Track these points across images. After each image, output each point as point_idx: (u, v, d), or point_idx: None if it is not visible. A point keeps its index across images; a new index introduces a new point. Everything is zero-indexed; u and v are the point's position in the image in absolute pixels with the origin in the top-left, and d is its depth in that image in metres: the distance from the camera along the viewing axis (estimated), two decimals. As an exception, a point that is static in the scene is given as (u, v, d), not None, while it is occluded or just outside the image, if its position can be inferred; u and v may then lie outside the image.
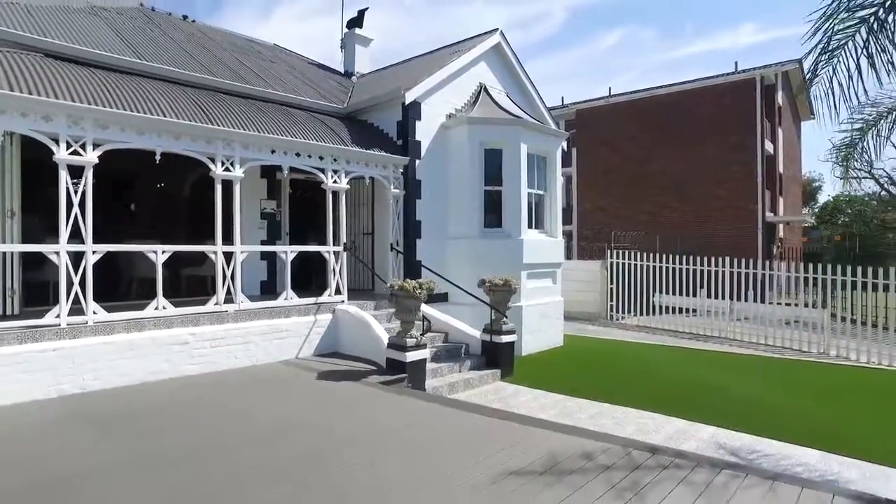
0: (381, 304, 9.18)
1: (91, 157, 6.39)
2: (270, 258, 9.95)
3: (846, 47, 3.93)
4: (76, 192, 6.31)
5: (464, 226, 10.39)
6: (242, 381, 6.78)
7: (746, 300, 13.59)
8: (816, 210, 46.52)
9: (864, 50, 3.75)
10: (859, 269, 11.49)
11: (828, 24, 3.72)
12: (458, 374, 8.23)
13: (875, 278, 11.25)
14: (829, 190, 53.97)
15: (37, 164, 7.03)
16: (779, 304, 13.09)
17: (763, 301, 13.92)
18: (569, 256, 23.26)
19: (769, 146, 21.58)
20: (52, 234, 6.99)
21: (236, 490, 3.59)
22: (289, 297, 8.19)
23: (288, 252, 8.40)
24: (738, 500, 3.39)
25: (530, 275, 10.59)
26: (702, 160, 21.66)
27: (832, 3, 3.55)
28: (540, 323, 10.79)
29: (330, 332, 8.50)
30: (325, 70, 14.66)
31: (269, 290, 9.81)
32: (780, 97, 22.99)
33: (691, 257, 14.02)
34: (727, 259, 13.43)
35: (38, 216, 7.64)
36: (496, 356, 8.65)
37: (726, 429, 6.33)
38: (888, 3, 3.48)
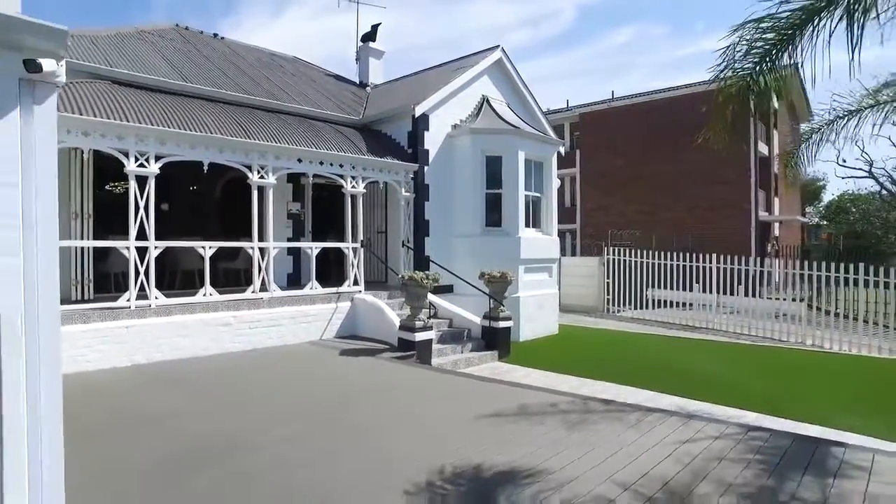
0: (394, 294, 10.43)
1: (153, 168, 7.70)
2: (296, 253, 11.25)
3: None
4: (142, 196, 7.62)
5: (467, 225, 11.61)
6: (277, 355, 8.07)
7: (736, 294, 14.63)
8: (822, 209, 47.15)
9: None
10: (832, 266, 12.51)
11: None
12: (460, 354, 9.46)
13: (848, 274, 12.22)
14: (833, 189, 54.50)
15: (99, 172, 8.40)
16: (769, 298, 14.12)
17: (754, 295, 14.92)
18: (573, 253, 24.42)
19: (763, 148, 22.53)
20: (112, 232, 8.36)
21: (282, 421, 4.85)
22: (314, 287, 9.47)
23: (313, 248, 9.69)
24: (658, 430, 4.58)
25: (527, 269, 11.78)
26: (697, 162, 22.63)
27: (722, 61, 4.64)
28: (537, 312, 11.97)
29: (349, 317, 9.78)
30: (341, 81, 15.94)
31: (294, 281, 11.10)
32: (775, 100, 23.88)
33: (682, 254, 15.10)
34: (714, 256, 14.51)
35: (101, 217, 8.99)
36: (494, 339, 9.86)
37: (687, 398, 7.45)
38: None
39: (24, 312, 2.05)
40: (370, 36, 16.62)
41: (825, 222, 45.54)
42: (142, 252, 7.70)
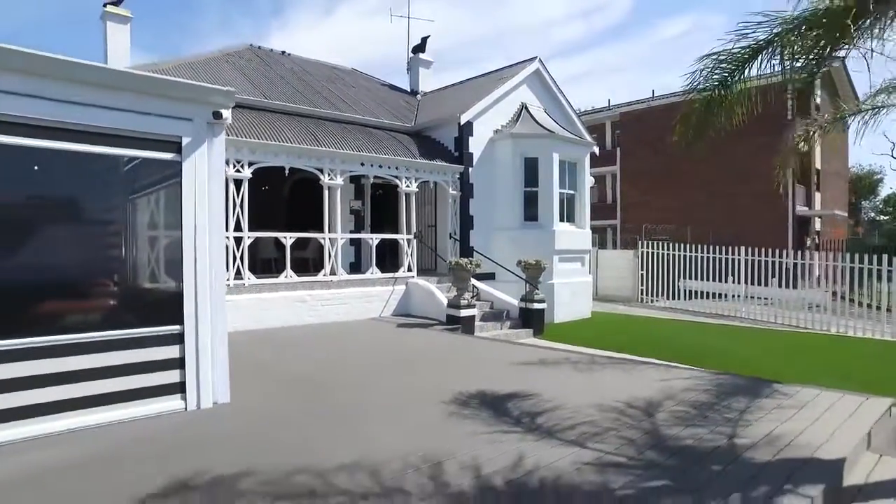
0: (443, 280, 11.95)
1: (247, 173, 9.48)
2: (357, 244, 12.94)
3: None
4: (237, 195, 9.40)
5: (507, 219, 13.02)
6: (346, 327, 9.74)
7: (769, 286, 15.37)
8: (879, 203, 45.89)
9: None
10: (857, 257, 13.22)
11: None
12: (499, 331, 10.90)
13: (881, 266, 12.80)
14: (892, 182, 52.57)
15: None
16: (803, 288, 14.76)
17: (793, 287, 15.46)
18: (614, 247, 25.37)
19: (802, 144, 22.81)
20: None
21: (359, 365, 6.45)
22: (374, 272, 11.11)
23: (373, 239, 11.33)
24: (646, 373, 5.92)
25: (561, 259, 13.08)
26: (733, 159, 23.10)
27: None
28: (570, 298, 13.26)
29: (403, 298, 11.37)
30: (394, 90, 17.58)
31: (355, 268, 12.78)
32: (818, 96, 24.11)
33: (713, 247, 15.98)
34: (744, 249, 15.37)
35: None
36: (530, 319, 11.24)
37: (691, 367, 8.67)
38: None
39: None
40: (420, 48, 18.20)
41: (883, 217, 44.40)
42: (237, 241, 9.49)
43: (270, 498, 2.95)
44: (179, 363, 4.58)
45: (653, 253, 17.54)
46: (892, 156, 33.18)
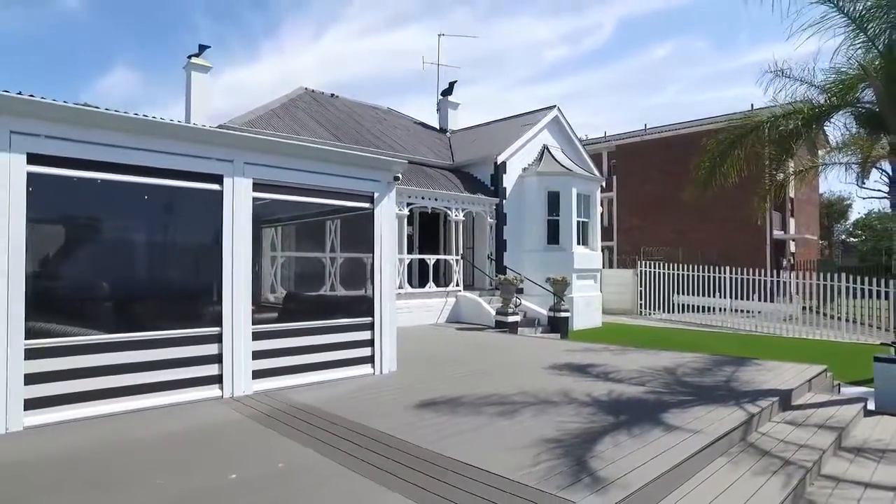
0: (483, 293, 14.47)
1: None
2: (411, 262, 15.42)
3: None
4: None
5: (534, 242, 15.62)
6: (420, 330, 12.18)
7: (750, 300, 18.08)
8: (850, 227, 49.45)
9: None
10: (831, 276, 15.95)
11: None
12: (534, 334, 13.40)
13: (847, 283, 15.54)
14: (860, 207, 56.35)
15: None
16: (780, 302, 17.51)
17: (770, 301, 18.16)
18: (610, 266, 28.06)
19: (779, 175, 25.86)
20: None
21: (448, 350, 8.92)
22: (431, 287, 13.61)
23: (430, 259, 13.85)
24: (664, 355, 8.47)
25: (578, 276, 15.68)
26: (720, 188, 26.04)
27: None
28: (585, 309, 15.83)
29: (455, 308, 13.86)
30: (427, 128, 20.25)
31: (412, 283, 15.25)
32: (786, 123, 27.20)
33: (703, 266, 18.71)
34: (729, 268, 18.11)
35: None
36: (557, 325, 13.77)
37: (673, 351, 11.25)
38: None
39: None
40: (448, 91, 20.95)
41: (853, 239, 47.88)
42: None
43: (479, 404, 5.41)
44: (371, 343, 7.04)
45: (650, 271, 20.23)
46: (857, 185, 36.38)
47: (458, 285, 14.19)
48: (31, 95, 5.28)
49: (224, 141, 5.84)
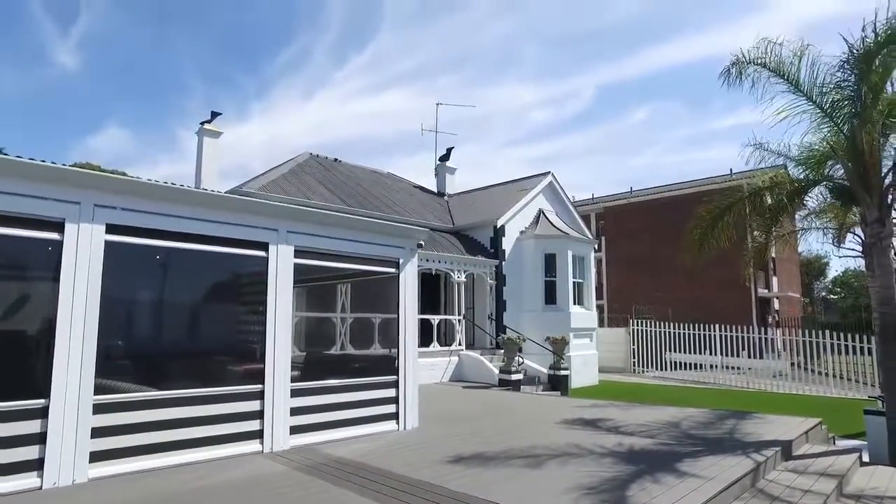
0: (484, 351, 14.88)
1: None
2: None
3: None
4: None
5: (532, 302, 16.19)
6: (426, 388, 12.40)
7: (740, 356, 18.65)
8: (829, 284, 50.95)
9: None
10: (807, 332, 16.65)
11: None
12: (536, 392, 13.74)
13: (831, 340, 16.20)
14: (836, 266, 58.21)
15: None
16: (768, 358, 18.09)
17: (757, 356, 18.75)
18: (601, 324, 28.61)
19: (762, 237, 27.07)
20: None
21: (477, 412, 9.27)
22: (435, 346, 14.00)
23: (434, 319, 14.30)
24: (668, 411, 8.91)
25: (575, 335, 16.18)
26: (710, 252, 27.13)
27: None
28: (582, 367, 16.24)
29: (458, 367, 14.22)
30: (425, 191, 21.13)
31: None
32: (768, 198, 28.66)
33: (693, 324, 19.33)
34: (718, 326, 18.74)
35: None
36: (557, 383, 14.14)
37: (674, 407, 11.66)
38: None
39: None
40: (446, 157, 22.02)
41: (833, 296, 49.20)
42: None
43: (504, 457, 5.80)
44: (395, 400, 7.43)
45: (641, 330, 20.79)
46: (832, 244, 37.89)
47: (460, 344, 14.60)
48: (114, 172, 5.86)
49: (270, 211, 6.43)
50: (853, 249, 11.34)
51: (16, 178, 4.69)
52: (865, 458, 7.17)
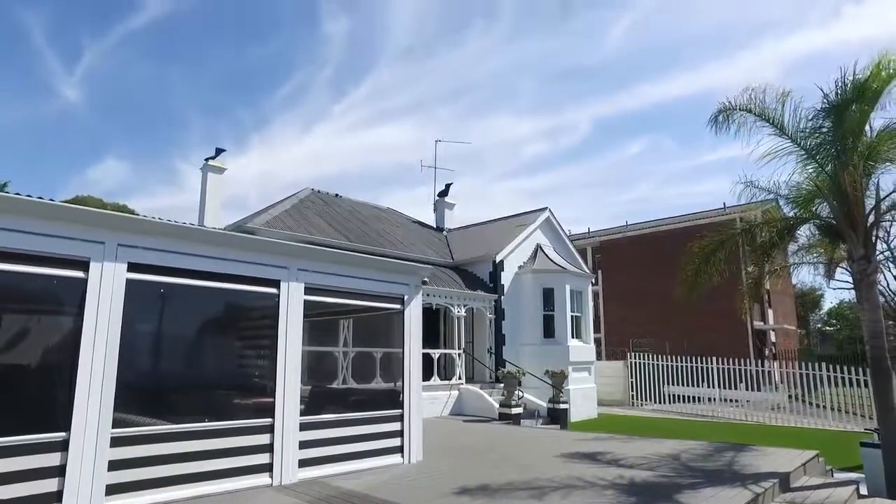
0: (484, 385, 14.96)
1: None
2: (411, 356, 15.98)
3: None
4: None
5: (531, 336, 16.36)
6: (428, 422, 12.50)
7: (737, 388, 18.72)
8: (824, 316, 51.19)
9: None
10: (804, 364, 16.80)
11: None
12: (536, 426, 13.79)
13: (828, 372, 16.34)
14: (831, 297, 58.57)
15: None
16: (766, 391, 18.18)
17: (755, 389, 18.81)
18: (599, 357, 28.66)
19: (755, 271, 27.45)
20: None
21: (480, 445, 9.37)
22: (436, 380, 14.10)
23: (435, 353, 14.44)
24: (667, 443, 9.03)
25: (574, 368, 16.29)
26: (705, 287, 27.46)
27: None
28: (581, 401, 16.31)
29: (458, 401, 14.29)
30: (424, 226, 21.48)
31: (411, 376, 15.71)
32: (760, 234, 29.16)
33: (690, 357, 19.45)
34: (716, 358, 18.88)
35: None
36: (557, 417, 14.20)
37: (674, 439, 11.74)
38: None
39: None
40: (444, 193, 22.45)
41: (828, 328, 49.39)
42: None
43: (509, 489, 5.94)
44: (400, 434, 7.56)
45: (640, 363, 20.90)
46: (823, 276, 38.32)
47: (460, 378, 14.70)
48: (137, 214, 6.14)
49: (281, 250, 6.69)
50: (846, 281, 11.73)
51: (46, 220, 4.95)
52: (864, 491, 7.31)
